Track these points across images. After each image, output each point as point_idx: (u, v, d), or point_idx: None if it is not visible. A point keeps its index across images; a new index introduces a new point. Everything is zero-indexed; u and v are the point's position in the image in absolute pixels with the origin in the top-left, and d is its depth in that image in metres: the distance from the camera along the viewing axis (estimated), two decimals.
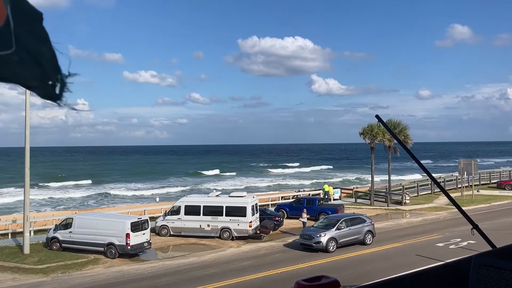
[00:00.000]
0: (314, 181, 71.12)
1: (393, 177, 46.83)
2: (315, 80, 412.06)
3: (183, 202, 28.76)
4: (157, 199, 45.32)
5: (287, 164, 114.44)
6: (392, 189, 42.57)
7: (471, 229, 2.42)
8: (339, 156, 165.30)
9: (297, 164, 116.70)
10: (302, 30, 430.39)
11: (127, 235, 22.91)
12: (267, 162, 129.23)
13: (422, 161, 2.54)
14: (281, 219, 30.49)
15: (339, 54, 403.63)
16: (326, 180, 60.49)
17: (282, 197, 41.83)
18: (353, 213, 29.18)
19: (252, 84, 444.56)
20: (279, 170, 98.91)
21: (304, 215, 29.21)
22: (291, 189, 52.81)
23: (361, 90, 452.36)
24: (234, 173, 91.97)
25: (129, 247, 23.00)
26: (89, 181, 74.15)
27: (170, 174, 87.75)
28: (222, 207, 27.49)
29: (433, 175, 2.89)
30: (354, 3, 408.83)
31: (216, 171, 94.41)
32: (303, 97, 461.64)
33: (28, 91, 23.32)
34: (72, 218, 25.05)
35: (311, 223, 29.57)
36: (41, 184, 69.11)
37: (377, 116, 2.66)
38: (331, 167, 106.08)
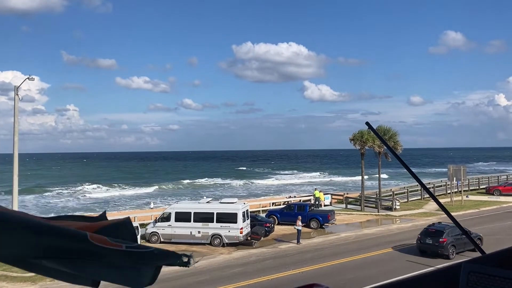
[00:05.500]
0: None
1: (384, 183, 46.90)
2: (308, 87, 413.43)
3: (173, 208, 28.59)
4: (152, 205, 44.74)
5: (309, 174, 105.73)
6: (382, 195, 42.75)
7: (461, 235, 2.43)
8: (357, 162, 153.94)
9: (318, 173, 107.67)
10: (297, 36, 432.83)
11: None
12: (281, 169, 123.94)
13: (411, 167, 2.56)
14: (272, 225, 30.42)
15: (334, 60, 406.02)
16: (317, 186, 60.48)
17: (273, 203, 41.80)
18: None
19: (246, 90, 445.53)
20: (304, 179, 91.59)
21: (299, 222, 27.86)
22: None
23: (354, 96, 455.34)
24: (270, 181, 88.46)
25: None
26: (86, 187, 73.82)
27: (172, 180, 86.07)
28: (213, 213, 27.37)
29: (423, 181, 2.90)
30: (349, 10, 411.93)
31: (270, 180, 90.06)
32: (296, 103, 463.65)
33: (17, 97, 22.99)
34: None
35: (304, 230, 29.49)
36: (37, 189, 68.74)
37: (367, 123, 2.67)
38: (367, 176, 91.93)
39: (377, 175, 42.88)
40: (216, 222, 27.06)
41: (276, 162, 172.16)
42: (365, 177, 41.57)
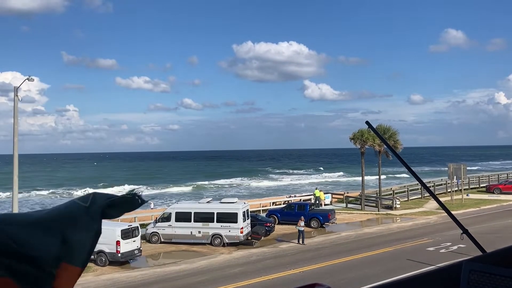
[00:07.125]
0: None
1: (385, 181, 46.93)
2: (308, 86, 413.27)
3: (173, 208, 28.62)
4: (152, 205, 44.48)
5: (333, 174, 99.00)
6: (382, 193, 42.75)
7: (461, 233, 2.42)
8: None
9: (341, 173, 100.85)
10: (298, 35, 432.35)
11: (118, 243, 22.72)
12: (297, 169, 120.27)
13: (411, 166, 2.55)
14: (273, 225, 30.42)
15: (334, 59, 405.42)
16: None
17: (273, 203, 41.81)
18: None
19: (246, 90, 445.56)
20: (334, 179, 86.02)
21: (302, 223, 27.23)
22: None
23: (354, 95, 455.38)
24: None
25: (119, 255, 22.80)
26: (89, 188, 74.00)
27: (190, 180, 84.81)
28: (213, 213, 27.38)
29: (423, 179, 2.90)
30: (350, 8, 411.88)
31: (288, 180, 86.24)
32: (296, 103, 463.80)
33: (17, 98, 23.00)
34: None
35: (304, 229, 29.47)
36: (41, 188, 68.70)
37: (367, 122, 2.67)
38: (384, 176, 79.96)
39: (392, 175, 42.86)
40: (217, 222, 27.07)
41: (285, 161, 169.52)
42: (383, 176, 41.63)
